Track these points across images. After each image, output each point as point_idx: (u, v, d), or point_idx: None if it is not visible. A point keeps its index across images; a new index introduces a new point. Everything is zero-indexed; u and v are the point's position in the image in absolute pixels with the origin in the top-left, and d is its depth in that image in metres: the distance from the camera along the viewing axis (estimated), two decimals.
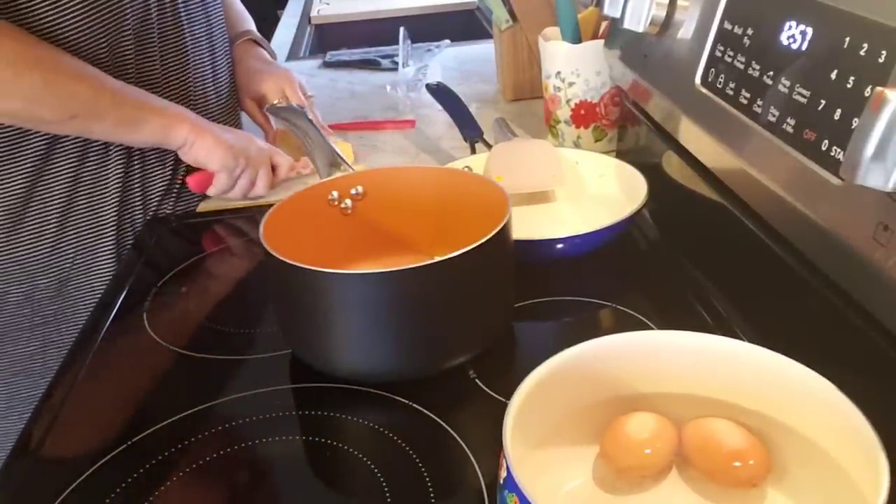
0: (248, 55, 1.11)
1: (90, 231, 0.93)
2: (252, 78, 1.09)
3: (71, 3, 0.82)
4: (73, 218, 0.92)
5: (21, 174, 0.88)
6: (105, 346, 0.72)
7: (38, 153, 0.87)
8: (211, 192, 0.96)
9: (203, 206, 1.00)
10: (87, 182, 0.91)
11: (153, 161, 0.95)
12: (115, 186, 0.92)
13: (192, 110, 0.93)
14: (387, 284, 0.58)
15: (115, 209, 0.93)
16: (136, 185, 0.94)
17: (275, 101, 1.04)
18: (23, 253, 0.91)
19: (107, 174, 0.91)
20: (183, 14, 0.95)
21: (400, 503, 0.52)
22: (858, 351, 0.50)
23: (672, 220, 0.82)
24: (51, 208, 0.90)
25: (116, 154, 0.91)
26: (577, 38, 0.95)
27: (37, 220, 0.90)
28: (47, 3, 0.80)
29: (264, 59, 1.12)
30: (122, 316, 0.76)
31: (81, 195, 0.91)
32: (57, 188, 0.90)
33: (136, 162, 0.93)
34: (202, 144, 0.91)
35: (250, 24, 1.18)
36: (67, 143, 0.88)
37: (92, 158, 0.90)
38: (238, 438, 0.59)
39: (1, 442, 0.96)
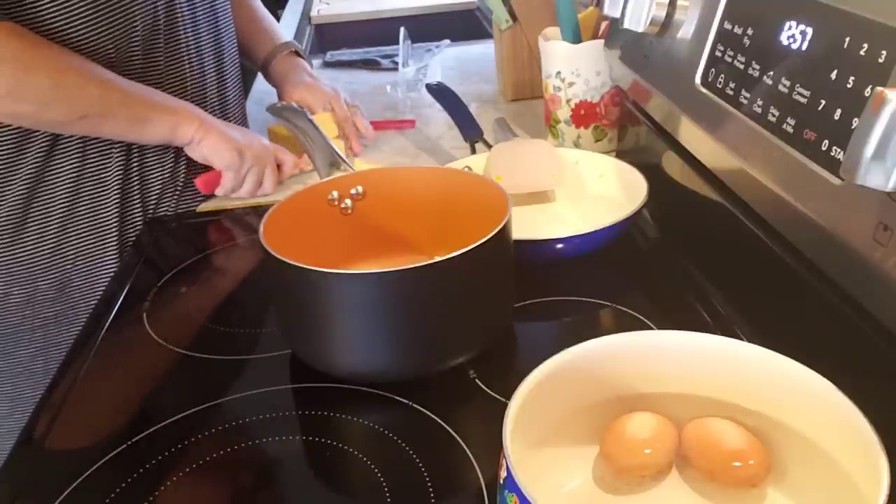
0: (297, 67, 1.13)
1: (92, 232, 0.93)
2: (296, 88, 1.10)
3: (78, 8, 0.82)
4: (75, 219, 0.92)
5: (23, 176, 0.88)
6: (105, 346, 0.72)
7: (39, 155, 0.87)
8: (219, 191, 0.96)
9: (203, 206, 1.00)
10: (88, 183, 0.91)
11: (151, 161, 0.95)
12: (115, 187, 0.92)
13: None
14: (387, 284, 0.58)
15: (116, 210, 0.93)
16: (135, 187, 0.94)
17: (275, 102, 1.05)
18: (25, 254, 0.91)
19: (107, 176, 0.92)
20: (189, 17, 0.95)
21: (400, 503, 0.52)
22: (858, 351, 0.50)
23: (672, 220, 0.82)
24: (53, 210, 0.90)
25: (117, 154, 0.91)
26: (577, 38, 0.95)
27: (39, 222, 0.90)
28: (54, 6, 0.80)
29: (310, 74, 1.14)
30: (123, 316, 0.76)
31: (83, 196, 0.91)
32: (59, 190, 0.90)
33: (134, 162, 0.93)
34: (209, 142, 0.91)
35: (283, 34, 1.19)
36: (69, 144, 0.88)
37: (92, 159, 0.90)
38: (238, 438, 0.59)
39: (4, 442, 0.96)
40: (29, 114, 0.83)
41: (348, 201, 0.72)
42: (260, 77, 1.53)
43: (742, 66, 0.59)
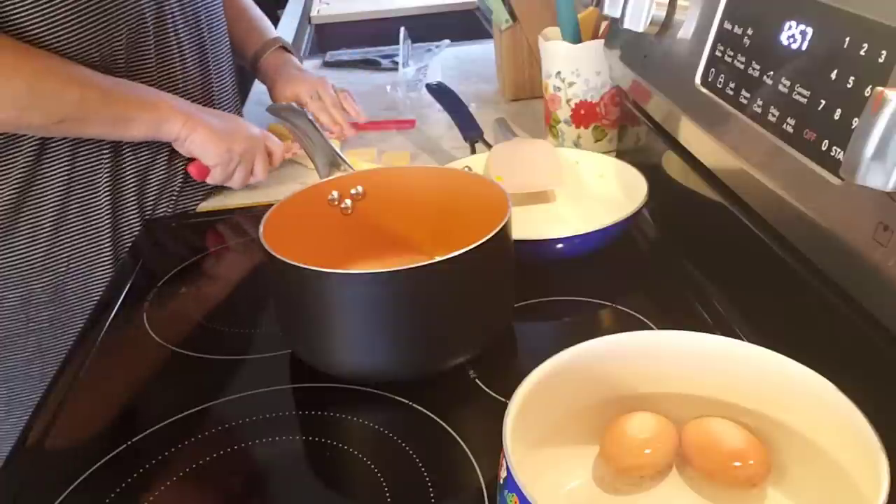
0: (284, 62, 1.15)
1: (84, 236, 0.92)
2: (288, 82, 1.12)
3: (58, 15, 0.80)
4: (67, 223, 0.91)
5: (12, 179, 0.87)
6: (105, 346, 0.72)
7: (28, 158, 0.87)
8: (210, 181, 0.97)
9: (203, 206, 1.00)
10: (78, 187, 0.90)
11: (145, 162, 0.94)
12: (105, 190, 0.91)
13: None
14: (387, 284, 0.58)
15: (108, 213, 0.92)
16: (130, 189, 0.94)
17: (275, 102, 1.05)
18: (18, 257, 0.91)
19: (97, 179, 0.91)
20: (179, 18, 0.94)
21: (400, 503, 0.52)
22: (858, 351, 0.50)
23: (672, 220, 0.82)
24: (44, 213, 0.90)
25: (106, 157, 0.91)
26: (577, 38, 0.95)
27: (30, 225, 0.90)
28: (36, 13, 0.79)
29: (298, 67, 1.16)
30: (123, 315, 0.76)
31: (73, 200, 0.90)
32: (49, 192, 0.89)
33: (127, 165, 0.93)
34: (195, 139, 0.91)
35: (273, 30, 1.20)
36: (58, 147, 0.88)
37: (82, 162, 0.90)
38: (238, 438, 0.59)
39: (2, 444, 0.96)
40: (6, 120, 0.82)
41: (348, 201, 0.72)
42: None
43: (742, 66, 0.59)
